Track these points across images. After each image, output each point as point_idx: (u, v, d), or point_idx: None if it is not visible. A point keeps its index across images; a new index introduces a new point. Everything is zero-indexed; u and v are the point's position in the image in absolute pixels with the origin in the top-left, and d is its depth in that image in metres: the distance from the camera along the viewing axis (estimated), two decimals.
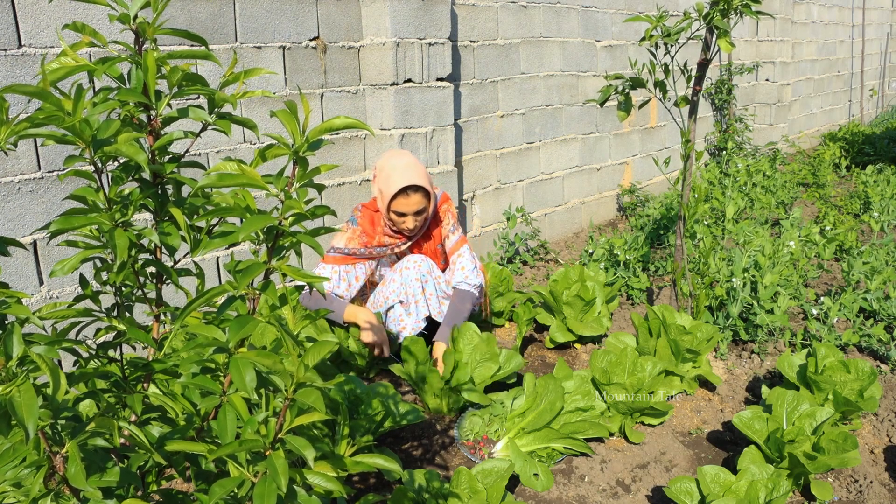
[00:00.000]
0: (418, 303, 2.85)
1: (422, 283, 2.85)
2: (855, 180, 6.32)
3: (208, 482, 1.20)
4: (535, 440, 2.31)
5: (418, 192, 2.71)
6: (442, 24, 3.58)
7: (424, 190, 2.73)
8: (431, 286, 2.87)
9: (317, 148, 1.08)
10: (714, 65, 6.59)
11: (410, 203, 2.72)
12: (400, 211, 2.73)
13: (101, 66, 1.05)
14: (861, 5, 9.64)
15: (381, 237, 2.84)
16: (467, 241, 3.01)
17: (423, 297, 2.86)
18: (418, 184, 2.69)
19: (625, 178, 5.56)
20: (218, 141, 2.98)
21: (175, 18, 2.77)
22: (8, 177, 2.45)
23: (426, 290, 2.87)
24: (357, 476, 2.22)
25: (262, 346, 2.56)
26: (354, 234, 2.83)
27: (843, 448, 2.06)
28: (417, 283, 2.84)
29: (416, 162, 2.78)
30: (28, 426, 0.86)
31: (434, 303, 2.89)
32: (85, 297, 1.23)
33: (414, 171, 2.72)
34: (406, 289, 2.84)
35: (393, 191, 2.67)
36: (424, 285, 2.86)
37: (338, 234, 2.84)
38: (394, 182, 2.67)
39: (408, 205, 2.72)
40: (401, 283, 2.85)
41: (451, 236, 2.96)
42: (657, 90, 2.88)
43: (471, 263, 2.93)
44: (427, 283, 2.86)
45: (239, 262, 1.09)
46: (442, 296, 2.91)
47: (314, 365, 1.06)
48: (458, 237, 2.96)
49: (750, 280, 3.45)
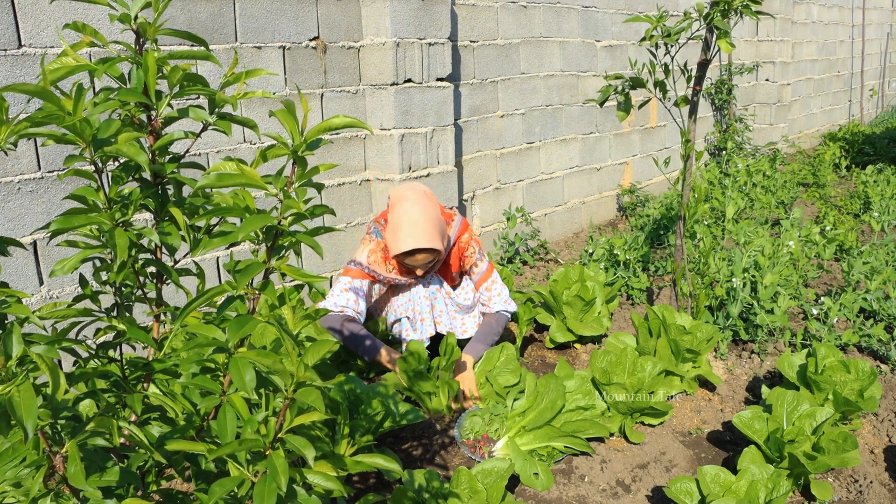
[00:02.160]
0: (424, 321, 2.81)
1: (431, 301, 2.81)
2: (855, 180, 6.32)
3: (208, 482, 1.20)
4: (535, 439, 2.31)
5: (424, 252, 2.63)
6: (442, 24, 3.58)
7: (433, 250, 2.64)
8: (441, 303, 2.83)
9: (315, 147, 1.08)
10: (714, 65, 6.59)
11: (417, 260, 2.65)
12: (407, 263, 2.68)
13: (101, 66, 1.06)
14: (861, 5, 9.63)
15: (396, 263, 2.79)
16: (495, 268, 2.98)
17: (431, 315, 2.81)
18: (424, 247, 2.59)
19: (625, 178, 5.57)
20: (218, 141, 2.98)
21: (175, 18, 2.77)
22: (8, 177, 2.45)
23: (435, 308, 2.82)
24: (357, 476, 2.22)
25: (261, 345, 2.56)
26: (378, 247, 2.76)
27: (843, 448, 2.06)
28: (427, 301, 2.80)
29: (427, 213, 2.63)
30: (27, 426, 0.86)
31: (445, 318, 2.84)
32: (85, 296, 1.23)
33: (422, 229, 2.58)
34: (414, 305, 2.80)
35: (398, 250, 2.60)
36: (434, 302, 2.81)
37: (361, 247, 2.78)
38: (400, 241, 2.59)
39: (414, 262, 2.66)
40: (409, 298, 2.82)
41: (479, 264, 2.89)
42: (657, 90, 2.88)
43: (505, 291, 2.92)
44: (436, 301, 2.82)
45: (238, 261, 1.09)
46: (454, 310, 2.86)
47: (314, 364, 1.06)
48: (486, 265, 2.90)
49: (750, 280, 3.45)
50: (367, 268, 2.73)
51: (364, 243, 2.78)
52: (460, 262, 2.90)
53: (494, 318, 2.88)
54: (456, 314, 2.87)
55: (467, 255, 2.88)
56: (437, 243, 2.61)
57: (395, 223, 2.63)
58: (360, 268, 2.74)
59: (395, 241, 2.61)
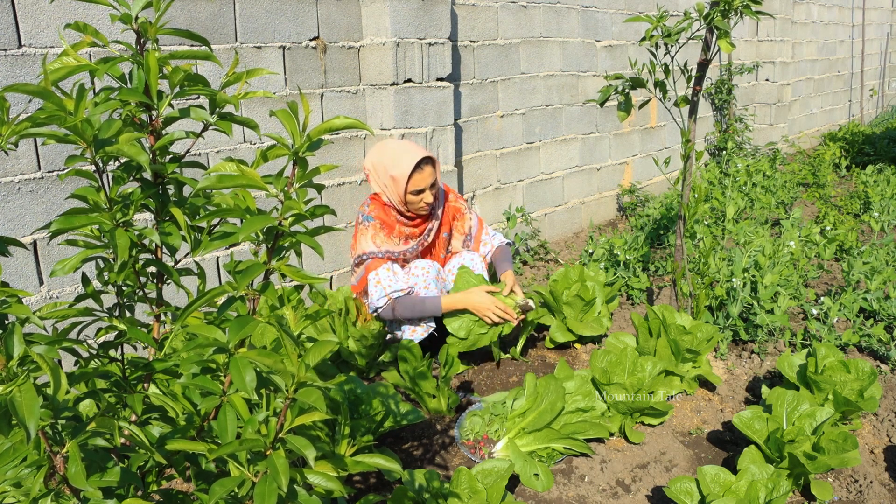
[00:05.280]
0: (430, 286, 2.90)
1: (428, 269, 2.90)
2: (855, 180, 6.32)
3: (208, 482, 1.20)
4: (535, 440, 2.31)
5: (429, 164, 2.81)
6: (442, 24, 3.58)
7: (432, 159, 2.83)
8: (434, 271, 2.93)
9: (317, 148, 1.08)
10: (714, 65, 6.59)
11: (425, 176, 2.80)
12: (418, 188, 2.80)
13: (102, 66, 1.06)
14: (861, 5, 9.63)
15: (399, 227, 2.90)
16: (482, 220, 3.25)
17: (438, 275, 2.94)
18: (427, 155, 2.79)
19: (625, 178, 5.57)
20: (218, 141, 2.98)
21: (175, 18, 2.77)
22: (8, 177, 2.45)
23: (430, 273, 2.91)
24: (357, 476, 2.22)
25: (262, 346, 2.56)
26: (375, 229, 2.85)
27: (843, 448, 2.06)
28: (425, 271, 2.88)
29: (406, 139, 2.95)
30: (29, 426, 0.86)
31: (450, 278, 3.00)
32: (86, 296, 1.23)
33: (414, 146, 2.83)
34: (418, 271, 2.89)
35: (409, 169, 2.73)
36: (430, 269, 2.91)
37: (361, 240, 2.84)
38: (406, 162, 2.75)
39: (423, 179, 2.79)
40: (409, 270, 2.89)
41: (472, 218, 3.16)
42: (657, 90, 2.88)
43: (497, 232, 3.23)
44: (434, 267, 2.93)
45: (239, 262, 1.09)
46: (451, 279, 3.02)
47: (315, 365, 1.06)
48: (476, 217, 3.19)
49: (750, 280, 3.45)
50: (379, 252, 2.80)
51: (362, 234, 2.83)
52: (452, 220, 3.11)
53: (501, 250, 3.15)
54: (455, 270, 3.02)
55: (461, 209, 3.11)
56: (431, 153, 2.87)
57: (390, 158, 2.80)
58: (374, 256, 2.80)
59: (401, 166, 2.76)
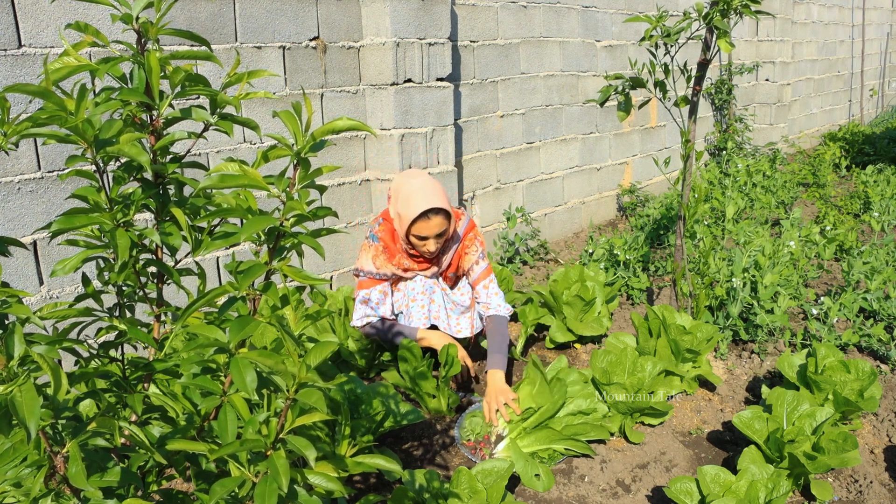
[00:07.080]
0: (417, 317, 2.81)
1: (429, 296, 2.79)
2: (855, 180, 6.32)
3: (209, 482, 1.20)
4: (536, 441, 2.31)
5: (439, 215, 2.61)
6: (442, 24, 3.58)
7: (445, 212, 2.64)
8: (439, 299, 2.81)
9: (319, 149, 1.08)
10: (714, 65, 6.59)
11: (431, 226, 2.61)
12: (420, 235, 2.63)
13: (103, 66, 1.05)
14: (861, 5, 9.64)
15: (401, 257, 2.76)
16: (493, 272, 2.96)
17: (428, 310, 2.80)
18: (439, 206, 2.59)
19: (625, 178, 5.57)
20: (219, 141, 2.98)
21: (175, 18, 2.77)
22: (8, 177, 2.45)
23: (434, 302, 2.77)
24: (358, 476, 2.22)
25: (262, 346, 2.56)
26: (377, 251, 2.73)
27: (843, 448, 2.06)
28: (424, 296, 2.78)
29: (434, 181, 2.68)
30: (29, 426, 0.86)
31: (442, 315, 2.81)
32: (87, 296, 1.23)
33: (433, 192, 2.61)
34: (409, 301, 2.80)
35: (413, 214, 2.57)
36: (433, 296, 2.80)
37: (362, 255, 2.75)
38: (414, 205, 2.57)
39: (428, 228, 2.61)
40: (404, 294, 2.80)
41: (480, 262, 2.87)
42: (657, 90, 2.88)
43: (501, 293, 2.89)
44: (434, 295, 2.80)
45: (240, 262, 1.09)
46: (450, 307, 2.84)
47: (315, 365, 1.06)
48: (486, 265, 2.88)
49: (750, 280, 3.45)
50: (376, 273, 2.72)
51: (365, 251, 2.76)
52: (458, 261, 2.87)
53: (496, 323, 2.82)
54: (451, 312, 2.85)
55: (469, 252, 2.84)
56: (447, 206, 2.62)
57: (405, 195, 2.63)
58: (370, 276, 2.73)
59: (408, 208, 2.60)
